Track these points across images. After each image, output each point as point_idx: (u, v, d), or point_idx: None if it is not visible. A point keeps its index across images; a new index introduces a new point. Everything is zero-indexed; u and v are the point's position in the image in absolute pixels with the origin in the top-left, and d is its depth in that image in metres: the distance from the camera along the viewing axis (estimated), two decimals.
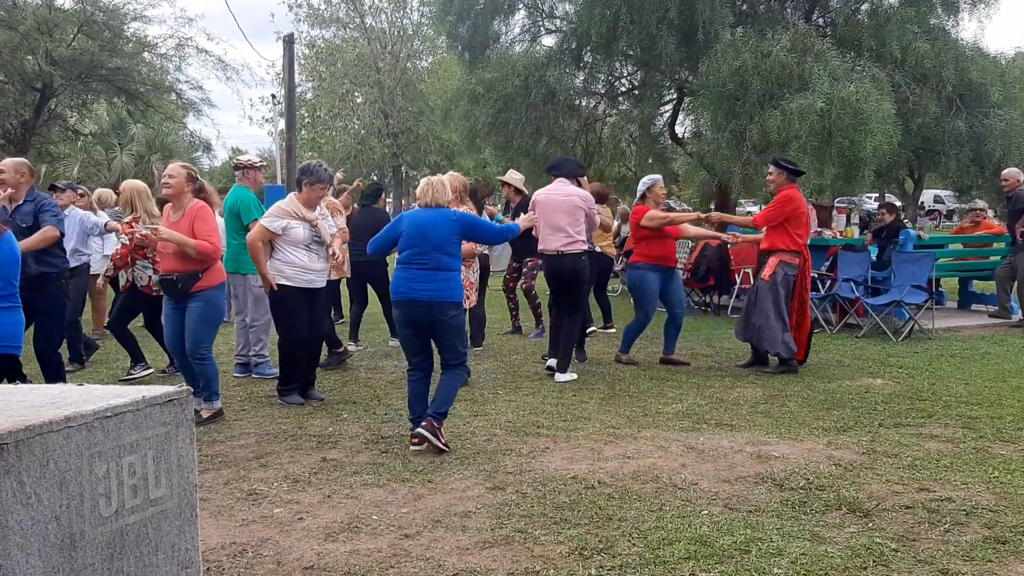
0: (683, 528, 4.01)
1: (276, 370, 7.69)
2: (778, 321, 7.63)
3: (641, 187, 8.28)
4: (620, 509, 4.27)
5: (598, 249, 9.30)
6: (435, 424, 5.32)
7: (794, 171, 7.83)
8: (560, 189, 7.73)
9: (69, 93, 22.99)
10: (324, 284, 6.72)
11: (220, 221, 7.25)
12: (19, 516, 1.88)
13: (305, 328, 6.56)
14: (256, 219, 7.50)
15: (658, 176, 8.58)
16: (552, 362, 7.70)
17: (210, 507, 4.34)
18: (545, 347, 8.56)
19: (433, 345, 5.59)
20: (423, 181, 5.71)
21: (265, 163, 8.21)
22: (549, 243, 7.59)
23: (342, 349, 8.20)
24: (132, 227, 7.16)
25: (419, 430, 5.27)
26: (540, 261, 8.38)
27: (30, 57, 20.80)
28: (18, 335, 4.05)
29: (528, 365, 8.17)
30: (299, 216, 6.47)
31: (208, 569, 3.57)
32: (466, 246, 7.01)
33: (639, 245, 8.14)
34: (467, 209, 7.27)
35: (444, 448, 5.25)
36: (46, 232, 6.02)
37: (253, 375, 7.77)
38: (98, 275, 8.98)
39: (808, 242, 7.95)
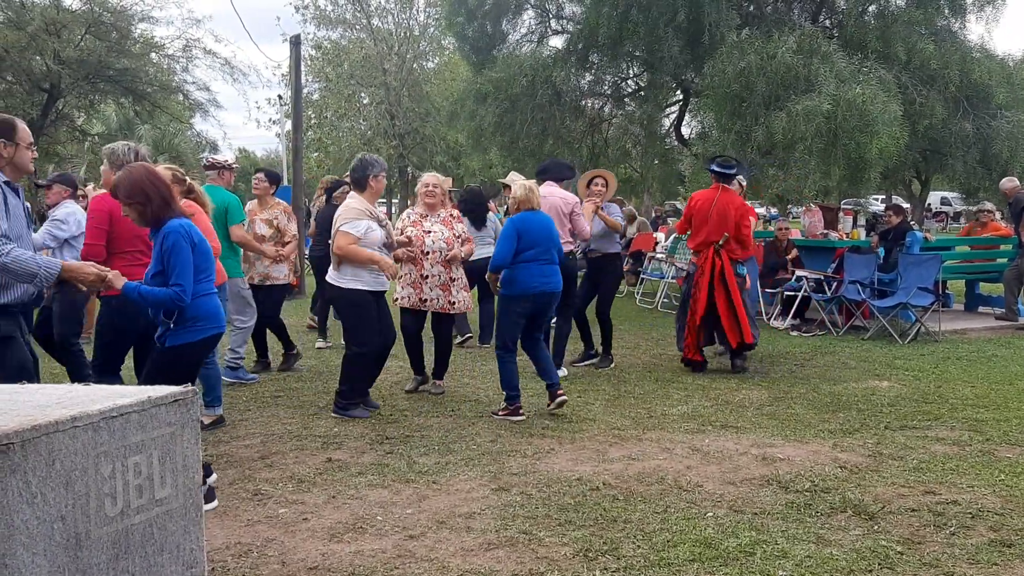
0: (688, 530, 4.00)
1: (253, 376, 7.58)
2: (680, 317, 7.89)
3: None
4: (625, 511, 4.27)
5: None
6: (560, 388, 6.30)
7: (719, 173, 7.85)
8: (544, 191, 7.81)
9: (76, 93, 23.05)
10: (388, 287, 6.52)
11: None
12: (25, 515, 1.89)
13: (378, 340, 6.30)
14: (242, 221, 7.37)
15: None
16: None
17: (215, 507, 4.35)
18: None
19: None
20: (523, 187, 6.31)
21: (238, 165, 8.12)
22: None
23: (295, 351, 8.05)
24: None
25: (562, 399, 6.25)
26: None
27: (38, 57, 20.85)
28: (223, 316, 4.53)
29: (531, 366, 8.13)
30: (374, 216, 6.25)
31: (213, 569, 3.58)
32: (467, 248, 7.05)
33: None
34: (456, 213, 7.25)
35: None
36: None
37: (227, 379, 7.16)
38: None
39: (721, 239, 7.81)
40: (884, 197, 31.17)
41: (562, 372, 7.68)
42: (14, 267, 3.88)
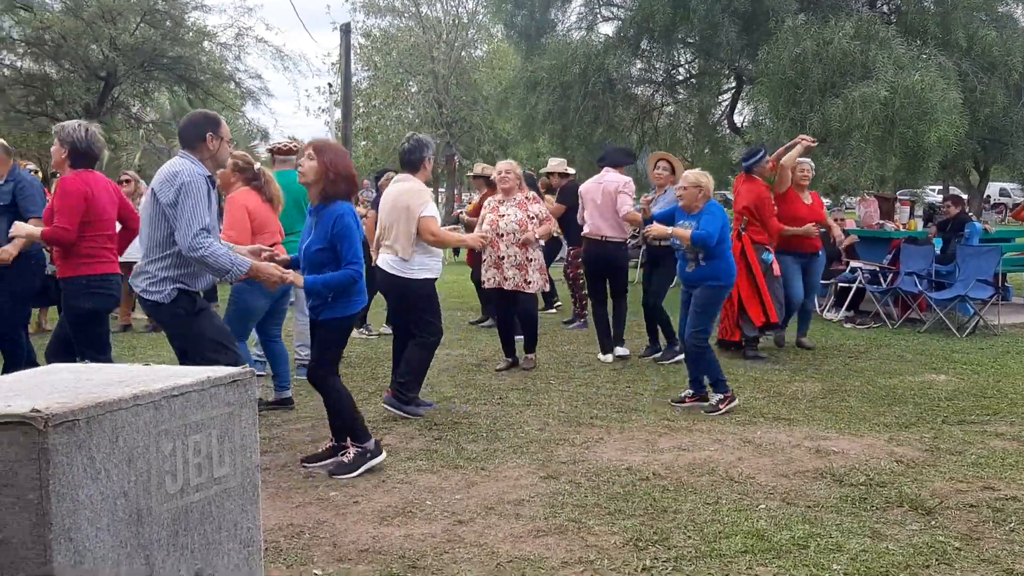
0: (740, 522, 3.96)
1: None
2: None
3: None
4: (675, 501, 4.23)
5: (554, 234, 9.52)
6: None
7: (741, 164, 8.13)
8: (601, 177, 8.04)
9: (132, 81, 23.47)
10: None
11: None
12: (89, 491, 1.92)
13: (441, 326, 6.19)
14: None
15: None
16: (607, 357, 7.86)
17: (268, 489, 4.40)
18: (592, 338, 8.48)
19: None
20: (707, 175, 6.18)
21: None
22: (587, 229, 8.02)
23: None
24: None
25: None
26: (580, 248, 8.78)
27: (94, 46, 21.26)
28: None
29: (581, 355, 8.14)
30: (432, 199, 6.11)
31: (267, 549, 3.62)
32: (541, 230, 7.17)
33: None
34: (532, 196, 7.42)
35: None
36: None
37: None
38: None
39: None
40: (941, 187, 30.47)
41: (622, 351, 7.94)
42: (210, 261, 4.20)
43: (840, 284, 10.46)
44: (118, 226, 5.49)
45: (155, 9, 22.23)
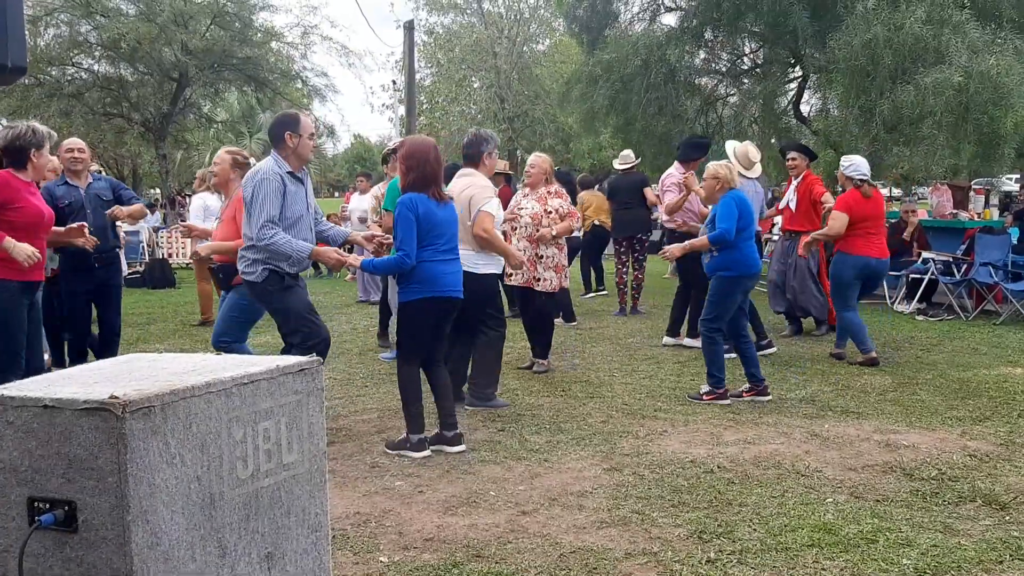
0: (806, 515, 3.91)
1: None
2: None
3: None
4: (740, 494, 4.20)
5: (596, 223, 11.11)
6: None
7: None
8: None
9: (203, 82, 24.01)
10: None
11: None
12: (165, 475, 2.00)
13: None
14: None
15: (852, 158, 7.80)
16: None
17: (334, 478, 4.49)
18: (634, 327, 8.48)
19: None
20: (726, 167, 6.16)
21: None
22: None
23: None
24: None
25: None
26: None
27: (167, 49, 21.80)
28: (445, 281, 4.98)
29: (644, 348, 8.10)
30: (497, 197, 6.00)
31: (334, 536, 3.69)
32: (560, 226, 6.89)
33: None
34: (555, 190, 7.09)
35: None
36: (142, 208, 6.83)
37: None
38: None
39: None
40: (1019, 176, 29.42)
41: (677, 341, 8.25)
42: (273, 249, 4.73)
43: (912, 275, 10.21)
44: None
45: (224, 11, 22.70)
